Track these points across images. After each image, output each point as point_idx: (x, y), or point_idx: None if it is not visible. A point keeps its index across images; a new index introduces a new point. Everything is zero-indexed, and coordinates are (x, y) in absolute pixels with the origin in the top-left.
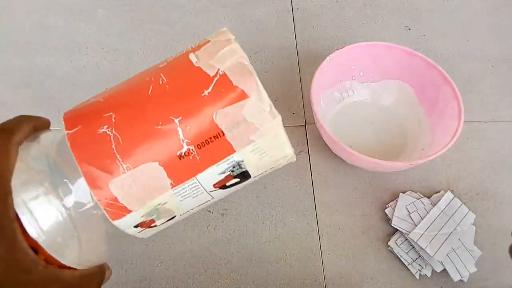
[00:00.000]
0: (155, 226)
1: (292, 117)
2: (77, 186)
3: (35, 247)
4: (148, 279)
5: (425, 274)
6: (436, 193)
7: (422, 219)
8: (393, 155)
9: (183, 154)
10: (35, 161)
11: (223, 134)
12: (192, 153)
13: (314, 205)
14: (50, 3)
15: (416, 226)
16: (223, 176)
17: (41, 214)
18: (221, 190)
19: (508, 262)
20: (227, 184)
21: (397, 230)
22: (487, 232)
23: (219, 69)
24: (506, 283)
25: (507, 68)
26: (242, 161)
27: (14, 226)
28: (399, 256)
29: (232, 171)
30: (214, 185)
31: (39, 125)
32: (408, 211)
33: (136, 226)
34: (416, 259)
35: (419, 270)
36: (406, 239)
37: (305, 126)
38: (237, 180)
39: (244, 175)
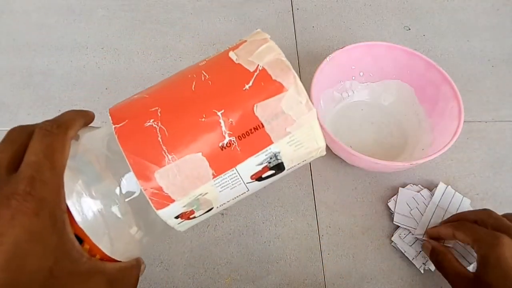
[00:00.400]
0: (194, 217)
1: None
2: (124, 178)
3: (82, 237)
4: (148, 279)
5: (429, 268)
6: (436, 186)
7: (422, 215)
8: (393, 155)
9: (225, 145)
10: (83, 155)
11: (263, 125)
12: (233, 144)
13: (314, 205)
14: (50, 3)
15: (418, 223)
16: (260, 167)
17: (88, 206)
18: (256, 182)
19: None
20: (263, 175)
21: (398, 227)
22: None
23: (258, 65)
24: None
25: (507, 68)
26: (279, 153)
27: (65, 218)
28: (403, 251)
29: (269, 162)
30: (251, 177)
31: (87, 121)
32: (409, 206)
33: (177, 217)
34: (420, 251)
35: (423, 263)
36: (410, 231)
37: None
38: (272, 172)
39: (279, 167)
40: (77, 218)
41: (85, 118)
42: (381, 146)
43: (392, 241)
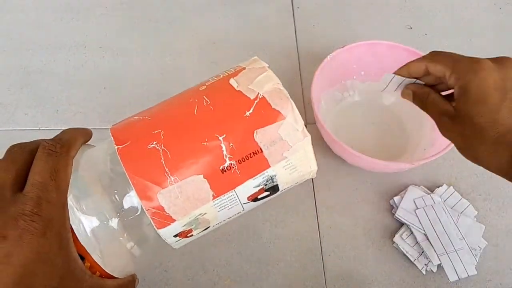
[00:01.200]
0: (191, 235)
1: None
2: (125, 197)
3: (83, 254)
4: (147, 281)
5: (431, 269)
6: (438, 187)
7: (428, 217)
8: (395, 156)
9: (225, 168)
10: (85, 174)
11: (261, 150)
12: (233, 167)
13: (314, 205)
14: (48, 1)
15: (420, 222)
16: (257, 189)
17: (90, 224)
18: (252, 203)
19: (510, 263)
20: (259, 196)
21: (402, 225)
22: (489, 233)
23: (258, 93)
24: (508, 284)
25: None
26: (275, 176)
27: (69, 237)
28: (405, 252)
29: (265, 185)
30: (248, 198)
31: (87, 139)
32: (415, 205)
33: (176, 236)
34: (423, 252)
35: (425, 265)
36: (412, 233)
37: (305, 126)
38: (267, 193)
39: (274, 189)
40: (80, 235)
41: (85, 137)
42: (382, 146)
43: (394, 242)
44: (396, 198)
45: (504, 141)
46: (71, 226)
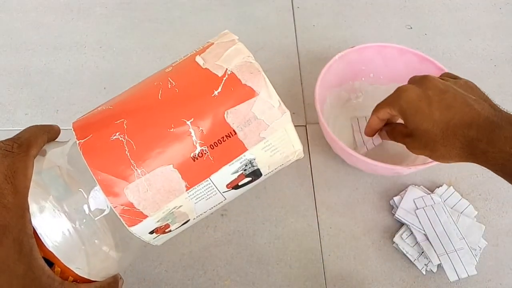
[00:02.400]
0: (169, 231)
1: (293, 116)
2: (92, 195)
3: (51, 259)
4: (147, 281)
5: (431, 269)
6: (438, 187)
7: (428, 217)
8: (397, 160)
9: (196, 155)
10: (45, 174)
11: (235, 133)
12: (205, 153)
13: (314, 205)
14: (48, 1)
15: (420, 222)
16: (236, 175)
17: (53, 227)
18: (233, 191)
19: (510, 263)
20: (240, 183)
21: (402, 225)
22: (489, 233)
23: (227, 69)
24: (508, 284)
25: (509, 67)
26: (254, 159)
27: (32, 243)
28: (405, 252)
29: (245, 170)
30: (227, 185)
31: (52, 136)
32: (415, 205)
33: (152, 232)
34: (422, 252)
35: (425, 265)
36: (412, 233)
37: (306, 126)
38: (249, 179)
39: (255, 174)
40: (45, 240)
41: (49, 133)
42: (385, 150)
43: (394, 242)
44: (396, 198)
45: (448, 134)
46: (35, 229)
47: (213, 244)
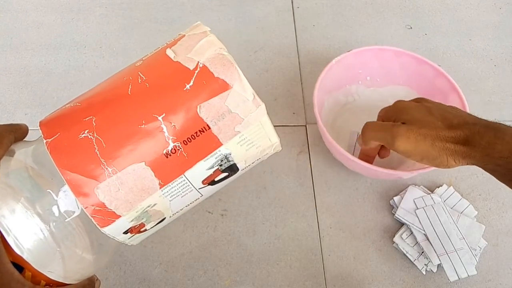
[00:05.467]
0: (145, 230)
1: (293, 117)
2: (61, 195)
3: (21, 264)
4: (147, 281)
5: (431, 269)
6: (438, 187)
7: (428, 217)
8: (398, 162)
9: (169, 151)
10: (14, 175)
11: (209, 127)
12: (178, 150)
13: (314, 205)
14: (48, 1)
15: (420, 222)
16: (211, 171)
17: (24, 230)
18: (210, 187)
19: (510, 263)
20: (216, 179)
21: (402, 225)
22: (489, 233)
23: (198, 61)
24: (508, 284)
25: (509, 67)
26: (230, 154)
27: None
28: (405, 252)
29: (221, 165)
30: (203, 182)
31: (19, 136)
32: (415, 205)
33: (126, 232)
34: (422, 252)
35: (425, 265)
36: (412, 233)
37: (306, 126)
38: (225, 174)
39: (232, 169)
40: (13, 244)
41: (16, 133)
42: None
43: (394, 242)
44: (396, 198)
45: (418, 135)
46: (2, 233)
47: (213, 244)
